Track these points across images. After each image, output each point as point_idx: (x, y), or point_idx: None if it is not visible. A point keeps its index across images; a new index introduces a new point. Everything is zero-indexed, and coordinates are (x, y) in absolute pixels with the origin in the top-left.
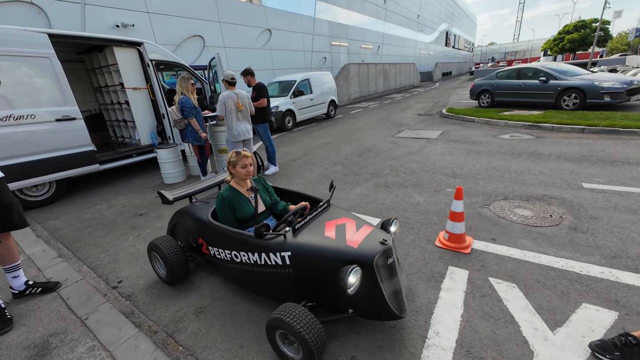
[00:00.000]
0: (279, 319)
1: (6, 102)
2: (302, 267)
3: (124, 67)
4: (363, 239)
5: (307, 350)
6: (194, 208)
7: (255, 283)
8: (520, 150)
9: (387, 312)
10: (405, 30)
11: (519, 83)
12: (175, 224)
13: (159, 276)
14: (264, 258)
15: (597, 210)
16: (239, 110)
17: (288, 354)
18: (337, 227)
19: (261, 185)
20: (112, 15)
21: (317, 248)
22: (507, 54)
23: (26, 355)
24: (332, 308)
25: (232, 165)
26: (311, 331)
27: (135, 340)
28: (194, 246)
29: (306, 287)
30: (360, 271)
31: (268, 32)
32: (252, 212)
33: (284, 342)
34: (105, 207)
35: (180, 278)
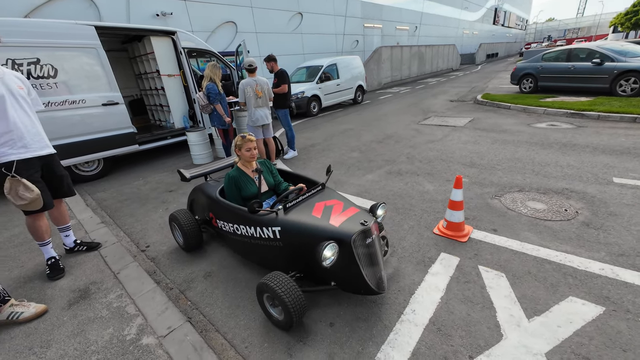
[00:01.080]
0: (265, 284)
1: (62, 88)
2: (290, 241)
3: (160, 55)
4: (346, 219)
5: (287, 312)
6: (206, 186)
7: (253, 253)
8: (552, 140)
9: (365, 287)
10: (447, 9)
11: (567, 66)
12: (193, 199)
13: (178, 243)
14: (259, 231)
15: (620, 207)
16: (258, 97)
17: (273, 314)
18: (325, 208)
19: (266, 167)
20: (153, 4)
21: (303, 225)
22: (567, 32)
23: (72, 297)
24: (317, 280)
25: (238, 148)
26: (291, 297)
27: (153, 293)
28: (207, 219)
29: (294, 260)
30: (336, 247)
31: (299, 16)
32: (255, 192)
33: (271, 304)
34: (142, 184)
35: (195, 247)
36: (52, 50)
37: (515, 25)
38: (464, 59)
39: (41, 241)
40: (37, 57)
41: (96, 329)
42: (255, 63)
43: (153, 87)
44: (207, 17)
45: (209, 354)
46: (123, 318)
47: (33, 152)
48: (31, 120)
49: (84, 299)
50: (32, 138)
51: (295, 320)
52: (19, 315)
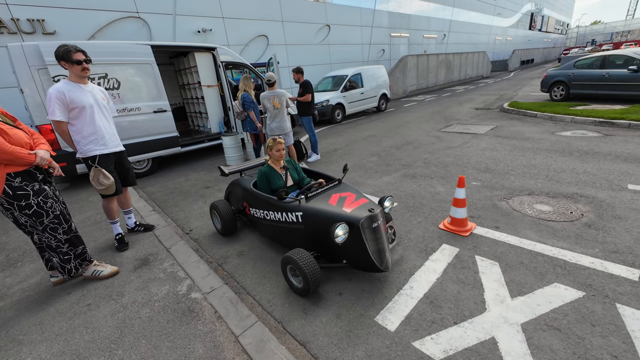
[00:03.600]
0: (289, 257)
1: (123, 98)
2: (309, 224)
3: (202, 68)
4: (356, 207)
5: (306, 281)
6: (242, 180)
7: (279, 235)
8: (574, 148)
9: (371, 264)
10: (478, 15)
11: (601, 73)
12: (230, 191)
13: (216, 228)
14: (284, 216)
15: (627, 211)
16: (275, 108)
17: (293, 283)
18: (340, 198)
19: (291, 165)
20: (195, 22)
21: (320, 210)
22: (614, 35)
23: (136, 263)
24: (331, 258)
25: (270, 149)
26: (310, 268)
27: (197, 264)
28: (241, 209)
29: (313, 240)
30: (346, 227)
31: (327, 28)
32: (282, 185)
33: (292, 274)
34: (184, 181)
35: (230, 232)
36: (117, 66)
37: (554, 30)
38: (496, 65)
39: (112, 219)
40: (106, 72)
41: (156, 285)
42: (273, 77)
43: (194, 96)
44: (241, 31)
45: (242, 307)
46: (176, 279)
47: (110, 148)
48: (110, 124)
49: (145, 265)
50: (110, 138)
51: (312, 288)
52: (100, 273)
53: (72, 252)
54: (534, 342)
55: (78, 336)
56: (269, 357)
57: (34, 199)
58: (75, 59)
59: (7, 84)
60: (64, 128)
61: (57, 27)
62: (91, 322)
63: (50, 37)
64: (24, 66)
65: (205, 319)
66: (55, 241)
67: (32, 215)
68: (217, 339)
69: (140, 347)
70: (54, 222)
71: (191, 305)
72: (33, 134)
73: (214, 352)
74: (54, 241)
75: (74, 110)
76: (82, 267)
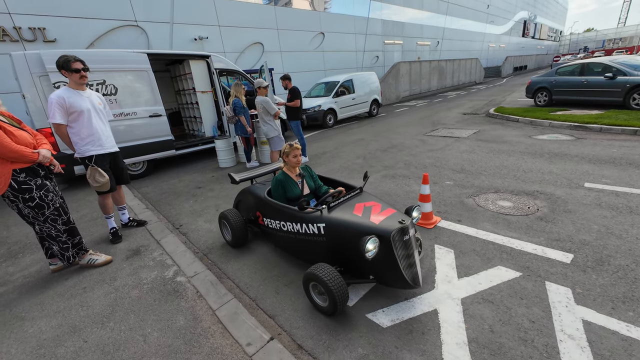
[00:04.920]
0: (313, 273)
1: (120, 103)
2: (333, 237)
3: (196, 75)
4: (384, 218)
5: (332, 300)
6: (255, 188)
7: (296, 248)
8: (546, 150)
9: (402, 280)
10: (471, 23)
11: (581, 80)
12: (240, 200)
13: (225, 239)
14: (304, 227)
15: (577, 206)
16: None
17: (317, 301)
18: (365, 208)
19: (307, 172)
20: (192, 30)
21: (346, 222)
22: (606, 42)
23: (128, 253)
24: (356, 274)
25: (286, 155)
26: (336, 286)
27: (185, 253)
28: (252, 219)
29: (335, 254)
30: (377, 241)
31: (321, 35)
32: (298, 193)
33: (316, 292)
34: (177, 182)
35: (242, 243)
36: (115, 73)
37: (547, 37)
38: (490, 72)
39: (107, 214)
40: (103, 79)
41: (146, 271)
42: (262, 83)
43: (189, 101)
44: (237, 39)
45: (221, 288)
46: (164, 266)
47: (106, 149)
48: (106, 126)
49: (137, 255)
50: (106, 139)
51: (339, 308)
52: (95, 261)
53: (70, 242)
54: (468, 312)
55: (74, 313)
56: (240, 326)
57: (36, 193)
58: (74, 67)
59: (9, 90)
60: (64, 130)
61: (58, 35)
62: (86, 301)
63: (51, 45)
64: (26, 73)
65: (188, 297)
66: (55, 231)
67: (34, 207)
68: (197, 312)
69: (129, 320)
70: (54, 214)
71: (176, 287)
72: (36, 135)
73: (193, 322)
74: (54, 231)
75: (73, 114)
76: (79, 256)
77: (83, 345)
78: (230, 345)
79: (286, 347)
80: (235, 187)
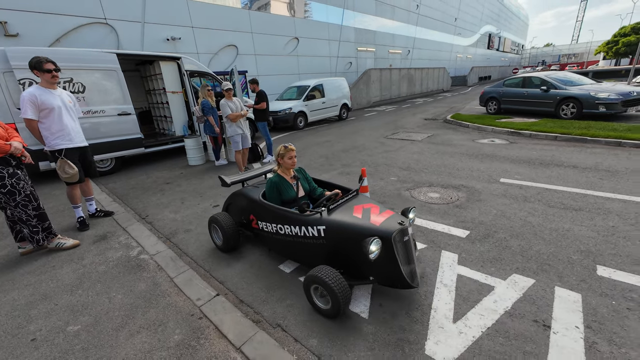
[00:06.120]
0: (315, 275)
1: (88, 101)
2: (333, 239)
3: (166, 75)
4: (384, 219)
5: (335, 302)
6: (247, 191)
7: (294, 251)
8: (482, 152)
9: (402, 280)
10: (440, 34)
11: (522, 91)
12: (230, 203)
13: (215, 244)
14: (304, 230)
15: (488, 196)
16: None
17: (318, 304)
18: (364, 210)
19: (302, 174)
20: (164, 31)
21: (346, 224)
22: (561, 57)
23: (95, 238)
24: (356, 275)
25: (281, 157)
26: (340, 287)
27: (149, 237)
28: (244, 222)
29: (336, 257)
30: (380, 242)
31: (296, 40)
32: (293, 196)
33: (318, 295)
34: (145, 178)
35: (233, 247)
36: (82, 72)
37: (510, 50)
38: (457, 80)
39: (75, 204)
40: (71, 77)
41: (112, 252)
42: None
43: (159, 101)
44: (211, 41)
45: (180, 262)
46: (129, 247)
47: (75, 144)
48: (75, 123)
49: (104, 240)
50: (75, 135)
51: (342, 309)
52: (63, 245)
53: (39, 226)
54: None
55: (45, 285)
56: (192, 287)
57: (8, 180)
58: (46, 68)
59: None
60: (34, 125)
61: (20, 30)
62: (55, 276)
63: (13, 39)
64: None
65: (150, 269)
66: (25, 215)
67: (6, 194)
68: (157, 280)
69: (96, 288)
70: (25, 200)
71: (139, 263)
72: (7, 128)
73: (152, 287)
74: (24, 215)
75: (44, 110)
76: (48, 240)
77: (54, 307)
78: (183, 300)
79: (229, 301)
80: (204, 184)
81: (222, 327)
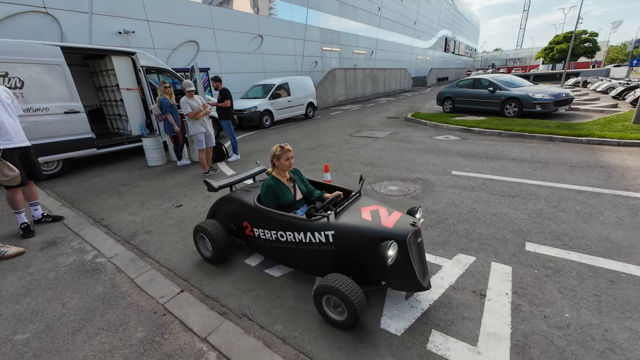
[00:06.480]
0: (328, 285)
1: (27, 97)
2: (343, 244)
3: (120, 71)
4: (396, 221)
5: (352, 312)
6: (238, 195)
7: (297, 259)
8: (437, 148)
9: (416, 283)
10: (401, 36)
11: (473, 92)
12: (216, 210)
13: (202, 256)
14: (309, 236)
15: (441, 187)
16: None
17: (331, 315)
18: (372, 212)
19: (298, 176)
20: (116, 23)
21: (357, 228)
22: (508, 61)
23: (43, 245)
24: (365, 281)
25: (277, 158)
26: (356, 296)
27: (105, 240)
28: (234, 230)
29: (344, 263)
30: (397, 246)
31: (260, 38)
32: (291, 199)
33: (330, 306)
34: (99, 180)
35: (224, 258)
36: (20, 65)
37: (464, 53)
38: (417, 81)
39: (17, 209)
40: (6, 71)
41: (63, 258)
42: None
43: (113, 98)
44: (169, 35)
45: (141, 263)
46: (83, 252)
47: (15, 144)
48: (14, 121)
49: (53, 245)
50: (15, 134)
51: (359, 319)
52: (4, 253)
53: None
54: None
55: None
56: (155, 286)
57: None
58: None
59: None
60: None
61: None
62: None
63: None
64: None
65: (107, 272)
66: None
67: None
68: (116, 282)
69: (47, 295)
70: None
71: (95, 266)
72: None
73: (111, 289)
74: None
75: None
76: None
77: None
78: (145, 300)
79: (194, 296)
80: (165, 185)
81: (187, 321)
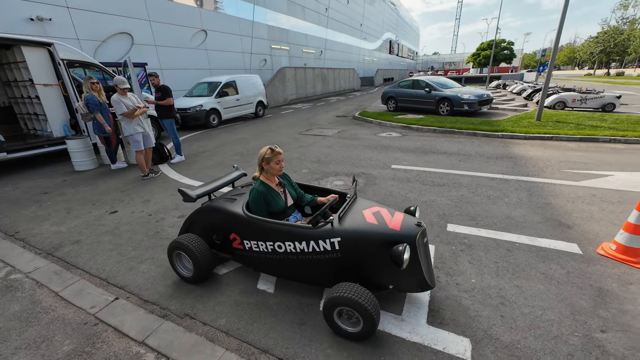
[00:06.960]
0: (344, 296)
1: None
2: (350, 251)
3: (33, 65)
4: (401, 222)
5: (370, 322)
6: (221, 204)
7: (297, 270)
8: (380, 144)
9: (423, 283)
10: (348, 37)
11: (412, 92)
12: (192, 222)
13: (181, 276)
14: (312, 245)
15: (381, 180)
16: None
17: (344, 328)
18: (375, 214)
19: (287, 180)
20: (26, 7)
21: (365, 232)
22: (445, 64)
23: None
24: (370, 286)
25: (266, 162)
26: (373, 306)
27: (22, 254)
28: (217, 243)
29: (349, 270)
30: (409, 249)
31: (203, 33)
32: (283, 206)
33: (344, 318)
34: (12, 189)
35: (206, 277)
36: None
37: (407, 56)
38: (365, 81)
39: None
40: None
41: None
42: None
43: (25, 95)
44: (96, 26)
45: (68, 274)
46: None
47: None
48: None
49: None
50: None
51: (376, 328)
52: None
53: None
54: None
55: None
56: (85, 298)
57: None
58: None
59: None
60: None
61: None
62: None
63: None
64: None
65: (25, 289)
66: None
67: None
68: (36, 298)
69: None
70: None
71: (9, 284)
72: None
73: (31, 306)
74: None
75: None
76: None
77: None
78: (73, 312)
79: (131, 302)
80: (97, 190)
81: (122, 328)
